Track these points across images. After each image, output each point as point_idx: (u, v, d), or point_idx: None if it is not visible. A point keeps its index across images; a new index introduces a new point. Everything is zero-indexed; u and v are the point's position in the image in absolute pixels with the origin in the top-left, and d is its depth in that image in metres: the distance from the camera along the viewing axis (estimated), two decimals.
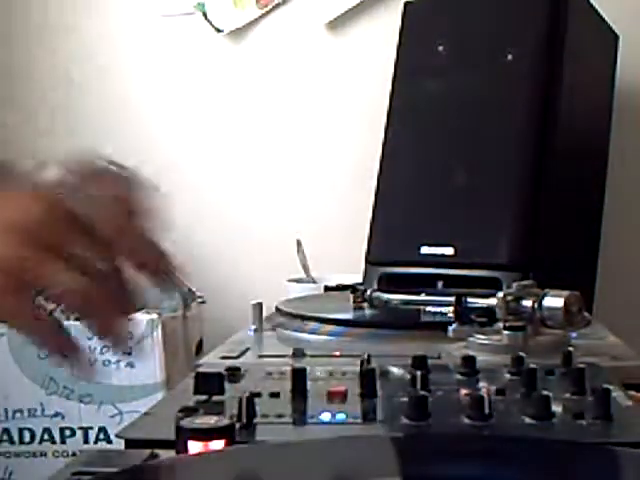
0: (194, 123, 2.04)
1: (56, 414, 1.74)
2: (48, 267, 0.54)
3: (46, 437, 1.75)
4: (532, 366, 0.77)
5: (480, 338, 1.04)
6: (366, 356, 0.80)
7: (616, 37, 1.70)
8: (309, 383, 0.77)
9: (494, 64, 1.46)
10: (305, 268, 1.79)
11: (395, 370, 0.83)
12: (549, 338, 1.03)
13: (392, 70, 1.60)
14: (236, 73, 2.04)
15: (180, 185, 1.92)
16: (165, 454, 0.60)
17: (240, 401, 0.66)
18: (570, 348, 0.87)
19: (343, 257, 1.79)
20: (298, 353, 1.06)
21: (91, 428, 1.74)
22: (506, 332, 1.02)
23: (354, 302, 1.36)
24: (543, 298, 1.04)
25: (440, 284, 1.39)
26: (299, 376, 0.77)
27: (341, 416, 0.69)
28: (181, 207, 1.98)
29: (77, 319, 0.56)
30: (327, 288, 1.61)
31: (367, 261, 1.50)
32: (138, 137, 2.01)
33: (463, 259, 1.38)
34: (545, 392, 0.69)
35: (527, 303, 1.04)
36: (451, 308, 1.19)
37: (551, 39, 1.45)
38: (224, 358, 1.06)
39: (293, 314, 1.27)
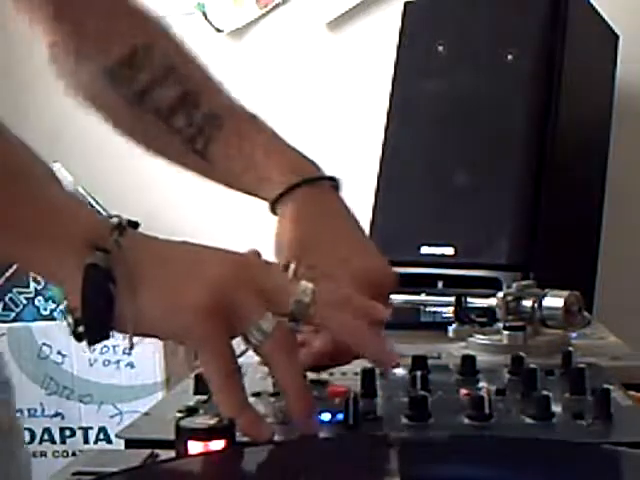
0: None
1: (56, 414, 1.74)
2: (252, 308, 0.65)
3: (46, 437, 1.75)
4: (532, 366, 0.77)
5: (480, 338, 1.04)
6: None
7: (616, 37, 1.70)
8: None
9: (494, 64, 1.46)
10: None
11: (395, 370, 0.83)
12: (549, 338, 1.03)
13: (392, 70, 1.60)
14: (236, 73, 2.04)
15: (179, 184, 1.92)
16: (165, 454, 0.60)
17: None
18: (570, 348, 0.87)
19: None
20: None
21: (91, 428, 1.74)
22: (506, 332, 1.02)
23: None
24: (543, 298, 1.04)
25: (440, 284, 1.39)
26: None
27: (341, 416, 0.68)
28: (176, 203, 1.99)
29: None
30: None
31: None
32: None
33: (463, 259, 1.38)
34: (545, 392, 0.69)
35: (527, 303, 1.04)
36: (451, 308, 1.19)
37: (551, 39, 1.45)
38: None
39: None
